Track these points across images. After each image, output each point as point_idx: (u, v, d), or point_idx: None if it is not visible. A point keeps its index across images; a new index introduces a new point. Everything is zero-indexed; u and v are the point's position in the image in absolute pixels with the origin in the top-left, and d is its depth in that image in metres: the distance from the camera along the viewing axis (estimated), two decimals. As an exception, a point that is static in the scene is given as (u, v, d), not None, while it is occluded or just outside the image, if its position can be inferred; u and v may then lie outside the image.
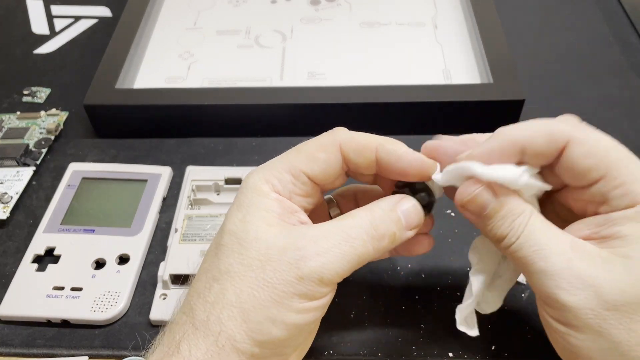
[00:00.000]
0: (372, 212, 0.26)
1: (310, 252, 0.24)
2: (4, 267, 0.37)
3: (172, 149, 0.44)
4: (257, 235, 0.24)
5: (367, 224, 0.25)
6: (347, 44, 0.50)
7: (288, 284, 0.23)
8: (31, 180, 0.42)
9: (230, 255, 0.24)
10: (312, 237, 0.24)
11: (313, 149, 0.27)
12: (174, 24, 0.53)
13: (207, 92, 0.44)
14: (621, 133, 0.44)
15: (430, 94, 0.43)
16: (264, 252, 0.24)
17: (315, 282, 0.24)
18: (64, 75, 0.51)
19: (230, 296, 0.24)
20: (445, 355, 0.32)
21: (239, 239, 0.25)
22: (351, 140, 0.27)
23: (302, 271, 0.23)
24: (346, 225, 0.25)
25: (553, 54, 0.52)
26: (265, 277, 0.24)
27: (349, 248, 0.24)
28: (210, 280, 0.25)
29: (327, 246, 0.24)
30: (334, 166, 0.27)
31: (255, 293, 0.23)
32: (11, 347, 0.33)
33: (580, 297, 0.23)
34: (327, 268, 0.24)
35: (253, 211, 0.25)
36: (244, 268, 0.24)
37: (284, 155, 0.27)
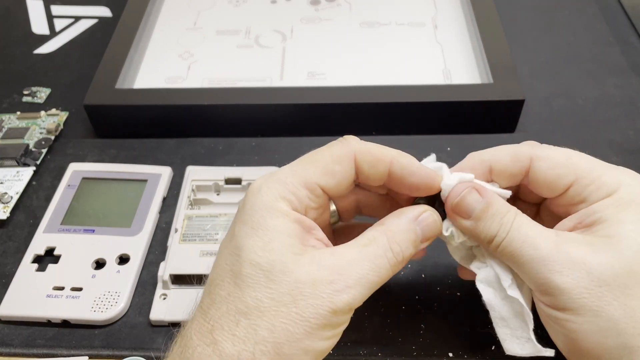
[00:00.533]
0: (393, 235, 0.25)
1: (341, 285, 0.24)
2: (4, 267, 0.37)
3: (172, 149, 0.44)
4: (285, 267, 0.24)
5: (389, 252, 0.25)
6: (347, 44, 0.50)
7: (322, 317, 0.23)
8: (31, 180, 0.42)
9: (257, 288, 0.24)
10: (341, 269, 0.24)
11: (328, 160, 0.26)
12: (174, 24, 0.53)
13: (207, 92, 0.44)
14: (621, 133, 0.44)
15: (430, 94, 0.43)
16: (294, 286, 0.23)
17: (346, 312, 0.24)
18: (64, 75, 0.51)
19: (262, 332, 0.23)
20: (445, 355, 0.32)
21: (265, 272, 0.24)
22: (366, 153, 0.26)
23: (336, 305, 0.24)
24: (371, 255, 0.25)
25: (553, 54, 0.52)
26: (298, 311, 0.23)
27: (376, 278, 0.25)
28: (236, 314, 0.24)
29: (356, 277, 0.24)
30: (349, 179, 0.27)
31: (289, 328, 0.23)
32: (11, 347, 0.33)
33: (572, 277, 0.24)
34: (358, 299, 0.24)
35: (275, 237, 0.24)
36: (275, 303, 0.23)
37: (295, 166, 0.26)
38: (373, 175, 0.27)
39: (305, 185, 0.25)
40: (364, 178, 0.27)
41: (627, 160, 0.42)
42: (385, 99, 0.43)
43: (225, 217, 0.38)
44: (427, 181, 0.27)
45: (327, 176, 0.26)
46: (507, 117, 0.44)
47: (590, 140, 0.44)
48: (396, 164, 0.26)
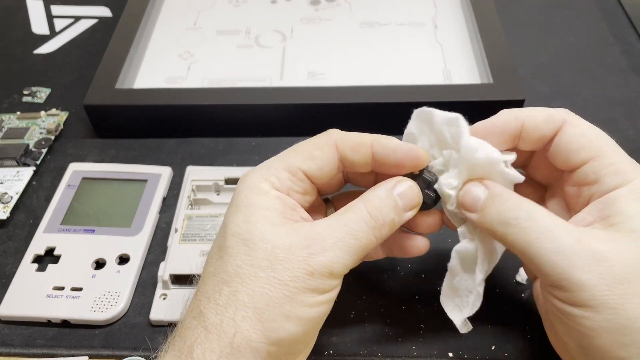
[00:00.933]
0: (370, 202, 0.26)
1: (317, 249, 0.24)
2: (4, 267, 0.37)
3: (172, 149, 0.44)
4: (263, 235, 0.25)
5: (366, 215, 0.26)
6: (347, 44, 0.50)
7: (299, 280, 0.24)
8: (31, 180, 0.42)
9: (237, 257, 0.25)
10: (317, 234, 0.25)
11: (310, 147, 0.27)
12: (174, 24, 0.53)
13: (207, 92, 0.44)
14: (621, 133, 0.44)
15: (430, 94, 0.43)
16: (271, 251, 0.24)
17: (325, 276, 0.24)
18: (64, 75, 0.51)
19: (242, 297, 0.24)
20: (445, 355, 0.32)
21: (245, 241, 0.25)
22: (347, 139, 0.27)
23: (313, 267, 0.24)
24: (348, 219, 0.26)
25: (553, 54, 0.52)
26: (276, 275, 0.24)
27: (353, 241, 0.25)
28: (219, 284, 0.25)
29: (332, 241, 0.25)
30: (330, 164, 0.27)
31: (268, 292, 0.24)
32: (11, 347, 0.33)
33: (594, 274, 0.23)
34: (336, 261, 0.25)
35: (255, 211, 0.25)
36: (254, 269, 0.24)
37: (280, 155, 0.28)
38: (357, 160, 0.27)
39: (287, 169, 0.27)
40: (349, 164, 0.28)
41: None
42: (385, 99, 0.43)
43: (225, 217, 0.38)
44: (411, 155, 0.27)
45: (308, 161, 0.27)
46: (507, 117, 0.44)
47: (590, 140, 0.44)
48: (377, 145, 0.27)
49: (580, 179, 0.27)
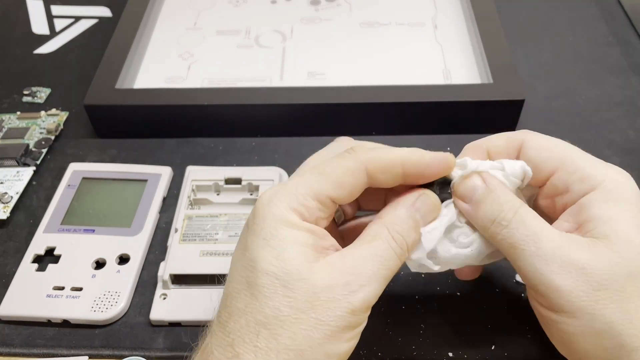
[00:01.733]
0: (394, 226, 0.26)
1: (356, 286, 0.24)
2: (4, 267, 0.37)
3: (172, 149, 0.44)
4: (301, 275, 0.24)
5: (393, 242, 0.25)
6: (347, 44, 0.50)
7: (341, 319, 0.24)
8: (31, 180, 0.42)
9: (275, 298, 0.24)
10: (353, 269, 0.24)
11: (339, 172, 0.26)
12: (174, 24, 0.53)
13: (207, 92, 0.44)
14: (621, 133, 0.44)
15: (430, 94, 0.43)
16: (311, 292, 0.24)
17: (365, 311, 0.24)
18: (64, 75, 0.51)
19: (284, 341, 0.23)
20: (445, 355, 0.32)
21: (281, 281, 0.24)
22: (377, 161, 0.26)
23: (354, 305, 0.24)
24: (377, 249, 0.25)
25: (553, 54, 0.52)
26: (318, 316, 0.23)
27: (386, 271, 0.25)
28: (256, 326, 0.24)
29: (368, 275, 0.24)
30: (360, 188, 0.26)
31: (310, 334, 0.23)
32: (11, 347, 0.33)
33: (572, 280, 0.24)
34: (373, 295, 0.24)
35: (288, 246, 0.24)
36: (294, 311, 0.23)
37: (305, 178, 0.26)
38: (387, 181, 0.26)
39: (316, 197, 0.25)
40: (377, 184, 0.27)
41: (627, 160, 0.42)
42: (385, 99, 0.43)
43: (225, 217, 0.38)
44: (443, 165, 0.27)
45: (338, 189, 0.26)
46: (507, 117, 0.44)
47: (590, 140, 0.44)
48: (408, 164, 0.26)
49: (551, 191, 0.27)
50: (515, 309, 0.34)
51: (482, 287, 0.35)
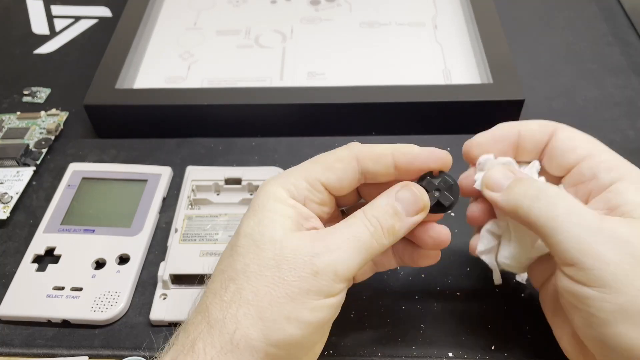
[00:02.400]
0: (371, 208, 0.27)
1: (322, 249, 0.25)
2: (4, 267, 0.37)
3: (172, 149, 0.44)
4: (273, 237, 0.25)
5: (366, 220, 0.26)
6: (347, 44, 0.50)
7: (303, 280, 0.24)
8: (31, 180, 0.42)
9: (247, 255, 0.25)
10: (322, 237, 0.26)
11: (331, 159, 0.28)
12: (174, 24, 0.53)
13: (207, 92, 0.44)
14: (621, 133, 0.44)
15: (430, 94, 0.43)
16: (279, 252, 0.25)
17: (330, 277, 0.25)
18: (64, 75, 0.51)
19: (247, 294, 0.24)
20: (445, 355, 0.32)
21: (255, 241, 0.25)
22: (368, 151, 0.28)
23: (317, 266, 0.25)
24: (350, 224, 0.26)
25: (553, 54, 0.52)
26: (281, 275, 0.24)
27: (357, 243, 0.26)
28: (227, 280, 0.25)
29: (337, 243, 0.25)
30: (350, 177, 0.28)
31: (271, 291, 0.24)
32: (11, 347, 0.33)
33: (618, 252, 0.24)
34: (340, 262, 0.25)
35: (269, 215, 0.26)
36: (260, 267, 0.25)
37: (301, 165, 0.28)
38: (379, 171, 0.28)
39: (306, 179, 0.27)
40: (371, 176, 0.28)
41: (628, 160, 0.42)
42: (385, 99, 0.43)
43: (225, 217, 0.38)
44: (433, 158, 0.28)
45: (327, 172, 0.27)
46: (507, 117, 0.44)
47: (590, 140, 0.44)
48: (398, 154, 0.27)
49: (576, 178, 0.28)
50: (515, 309, 0.34)
51: (482, 287, 0.35)
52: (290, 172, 0.28)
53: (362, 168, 0.28)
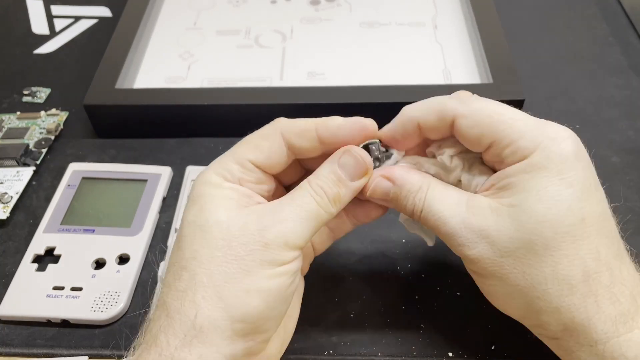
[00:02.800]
0: (314, 178, 0.27)
1: (270, 222, 0.25)
2: (4, 267, 0.37)
3: (172, 149, 0.44)
4: (218, 218, 0.25)
5: (311, 190, 0.27)
6: (347, 44, 0.50)
7: (255, 252, 0.24)
8: (31, 180, 0.42)
9: (194, 242, 0.25)
10: (269, 210, 0.26)
11: (256, 138, 0.28)
12: (174, 24, 0.53)
13: (207, 92, 0.44)
14: (621, 133, 0.44)
15: (430, 94, 0.43)
16: (226, 231, 0.25)
17: (280, 246, 0.25)
18: (64, 75, 0.51)
19: (201, 278, 0.24)
20: (445, 355, 0.32)
21: (200, 226, 0.25)
22: (291, 126, 0.28)
23: (267, 238, 0.25)
24: (296, 195, 0.26)
25: (553, 54, 0.52)
26: (232, 252, 0.24)
27: (305, 213, 0.26)
28: (179, 270, 0.25)
29: (284, 214, 0.26)
30: (278, 153, 0.28)
31: (225, 269, 0.24)
32: (11, 347, 0.33)
33: (477, 250, 0.26)
34: (289, 231, 0.25)
35: (210, 201, 0.26)
36: (210, 250, 0.25)
37: (229, 150, 0.28)
38: (305, 146, 0.28)
39: (236, 161, 0.27)
40: (298, 151, 0.28)
41: (627, 160, 0.42)
42: (385, 99, 0.43)
43: (225, 217, 0.38)
44: (357, 127, 0.28)
45: (255, 151, 0.28)
46: (507, 117, 0.44)
47: (590, 140, 0.43)
48: (321, 127, 0.28)
49: (491, 158, 0.27)
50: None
51: (482, 287, 0.35)
52: (220, 158, 0.28)
53: (288, 144, 0.28)
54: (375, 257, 0.37)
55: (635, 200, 0.40)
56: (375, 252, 0.37)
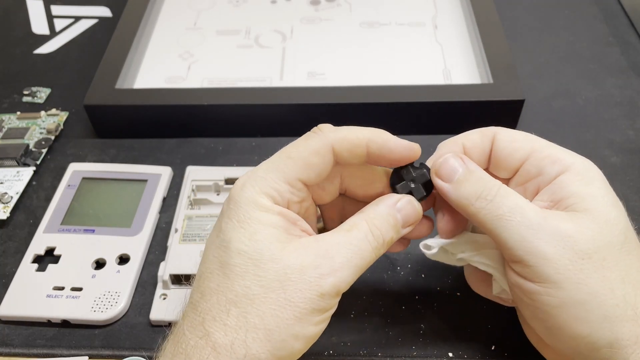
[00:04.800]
0: (373, 221, 0.26)
1: (327, 270, 0.24)
2: (4, 267, 0.37)
3: (172, 149, 0.44)
4: (273, 255, 0.24)
5: (370, 235, 0.26)
6: (347, 44, 0.50)
7: (310, 301, 0.24)
8: (31, 180, 0.42)
9: (246, 277, 0.24)
10: (325, 252, 0.25)
11: (306, 154, 0.26)
12: (174, 24, 0.53)
13: (207, 92, 0.44)
14: (621, 133, 0.44)
15: (430, 94, 0.43)
16: (282, 272, 0.24)
17: (333, 296, 0.25)
18: (64, 75, 0.51)
19: (253, 319, 0.24)
20: (445, 355, 0.32)
21: (253, 260, 0.24)
22: (343, 140, 0.27)
23: (324, 288, 0.24)
24: (354, 238, 0.26)
25: (553, 54, 0.52)
26: (287, 297, 0.24)
27: (359, 260, 0.25)
28: (226, 304, 0.24)
29: (341, 261, 0.25)
30: (328, 168, 0.27)
31: (278, 313, 0.24)
32: (11, 347, 0.33)
33: (559, 248, 0.25)
34: (343, 281, 0.25)
35: (260, 228, 0.25)
36: (264, 290, 0.24)
37: (274, 163, 0.27)
38: (352, 160, 0.27)
39: (286, 181, 0.26)
40: (343, 162, 0.27)
41: (627, 160, 0.42)
42: (385, 99, 0.43)
43: (225, 217, 0.38)
44: (405, 153, 0.27)
45: (307, 170, 0.26)
46: (507, 117, 0.44)
47: (590, 140, 0.44)
48: (373, 145, 0.27)
49: (523, 177, 0.28)
50: (515, 309, 0.34)
51: (482, 287, 0.35)
52: (265, 173, 0.26)
53: (336, 156, 0.27)
54: (375, 257, 0.37)
55: (635, 200, 0.40)
56: (375, 252, 0.37)
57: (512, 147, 0.28)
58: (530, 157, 0.28)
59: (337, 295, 0.25)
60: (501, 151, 0.28)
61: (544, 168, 0.27)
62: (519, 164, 0.28)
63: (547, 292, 0.25)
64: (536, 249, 0.25)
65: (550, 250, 0.24)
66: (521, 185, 0.28)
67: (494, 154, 0.29)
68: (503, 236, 0.26)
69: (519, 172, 0.28)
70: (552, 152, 0.27)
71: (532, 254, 0.25)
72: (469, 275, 0.32)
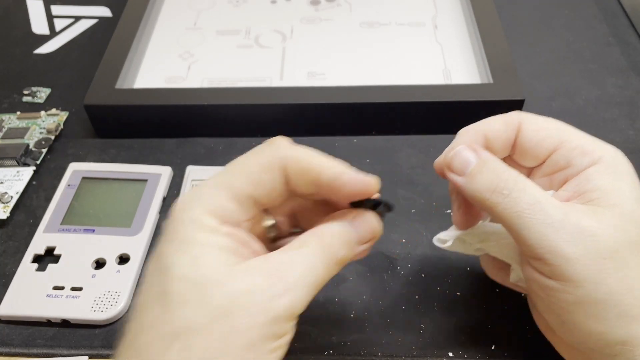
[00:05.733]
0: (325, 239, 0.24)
1: (279, 290, 0.22)
2: (4, 267, 0.37)
3: (172, 149, 0.44)
4: (218, 280, 0.22)
5: (321, 252, 0.24)
6: (347, 44, 0.50)
7: (260, 327, 0.22)
8: (31, 180, 0.42)
9: (188, 306, 0.21)
10: (276, 270, 0.23)
11: (255, 169, 0.24)
12: (174, 24, 0.53)
13: (207, 92, 0.44)
14: (621, 133, 0.44)
15: (430, 94, 0.43)
16: (228, 298, 0.22)
17: (287, 319, 0.22)
18: (64, 75, 0.51)
19: (198, 353, 0.21)
20: (445, 355, 0.32)
21: (197, 286, 0.22)
22: (294, 161, 0.24)
23: (276, 311, 0.22)
24: (305, 255, 0.24)
25: (553, 54, 0.52)
26: (235, 324, 0.21)
27: (313, 278, 0.23)
28: (166, 338, 0.21)
29: (292, 280, 0.23)
30: (279, 187, 0.25)
31: (224, 346, 0.21)
32: (11, 347, 0.33)
33: (580, 248, 0.24)
34: (298, 302, 0.23)
35: (205, 252, 0.22)
36: (208, 320, 0.21)
37: (222, 177, 0.24)
38: (301, 186, 0.25)
39: (234, 198, 0.24)
40: (292, 186, 0.25)
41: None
42: (385, 99, 0.43)
43: (225, 217, 0.38)
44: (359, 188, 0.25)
45: (256, 186, 0.24)
46: (507, 117, 0.44)
47: (590, 140, 0.44)
48: (325, 177, 0.24)
49: (551, 167, 0.27)
50: (515, 309, 0.34)
51: (482, 287, 0.35)
52: (211, 191, 0.24)
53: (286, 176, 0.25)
54: (375, 257, 0.37)
55: (635, 200, 0.40)
56: (375, 252, 0.37)
57: (540, 136, 0.27)
58: (560, 148, 0.27)
59: (292, 319, 0.23)
60: (528, 141, 0.27)
61: (573, 159, 0.26)
62: (547, 154, 0.27)
63: (565, 290, 0.24)
64: (557, 248, 0.24)
65: (572, 250, 0.24)
66: (547, 176, 0.27)
67: (520, 143, 0.27)
68: (523, 233, 0.24)
69: (546, 162, 0.27)
70: (582, 142, 0.26)
71: (552, 253, 0.24)
72: (486, 263, 0.32)
